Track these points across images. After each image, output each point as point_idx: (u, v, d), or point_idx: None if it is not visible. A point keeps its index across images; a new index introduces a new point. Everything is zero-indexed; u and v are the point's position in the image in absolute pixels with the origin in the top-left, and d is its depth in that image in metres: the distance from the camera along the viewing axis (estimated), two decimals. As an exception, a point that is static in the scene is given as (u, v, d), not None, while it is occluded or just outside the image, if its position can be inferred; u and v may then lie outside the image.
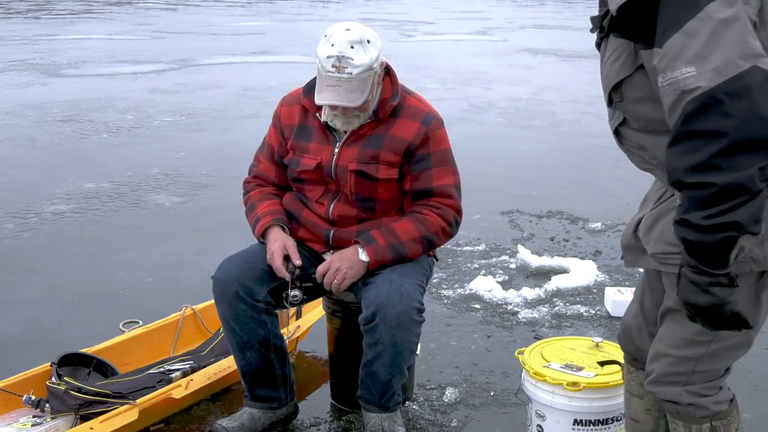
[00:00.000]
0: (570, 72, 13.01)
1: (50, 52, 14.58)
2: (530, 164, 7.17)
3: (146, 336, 3.43)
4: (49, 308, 4.10)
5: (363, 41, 2.64)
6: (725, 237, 1.70)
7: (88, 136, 8.02)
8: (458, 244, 4.93)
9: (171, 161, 7.08)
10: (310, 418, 3.11)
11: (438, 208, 2.80)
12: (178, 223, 5.52)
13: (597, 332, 3.82)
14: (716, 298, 1.78)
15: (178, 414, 3.10)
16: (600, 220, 5.48)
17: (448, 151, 2.85)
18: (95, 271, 4.62)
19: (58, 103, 9.65)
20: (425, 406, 3.18)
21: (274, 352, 2.89)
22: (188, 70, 12.74)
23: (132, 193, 6.11)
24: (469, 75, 12.43)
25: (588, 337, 2.91)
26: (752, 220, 1.68)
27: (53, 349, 3.22)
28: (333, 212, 2.86)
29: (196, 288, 4.14)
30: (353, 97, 2.64)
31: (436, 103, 3.02)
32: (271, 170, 3.00)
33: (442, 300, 4.16)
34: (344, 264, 2.74)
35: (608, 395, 2.62)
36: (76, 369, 3.07)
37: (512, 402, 3.15)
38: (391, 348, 2.69)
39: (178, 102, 9.88)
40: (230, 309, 2.78)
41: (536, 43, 17.13)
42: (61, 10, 25.83)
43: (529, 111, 9.62)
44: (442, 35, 19.23)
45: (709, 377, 2.04)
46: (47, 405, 2.81)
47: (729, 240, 1.70)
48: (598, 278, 4.46)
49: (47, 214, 5.60)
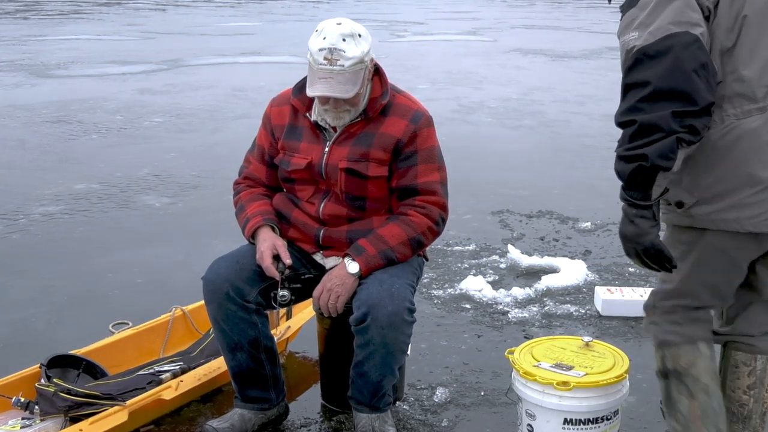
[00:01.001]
0: (560, 72, 13.04)
1: (39, 52, 14.53)
2: (520, 164, 7.18)
3: (136, 337, 3.42)
4: (38, 310, 4.09)
5: (354, 35, 2.65)
6: (637, 167, 2.01)
7: (78, 137, 7.99)
8: (448, 244, 4.93)
9: (161, 162, 7.06)
10: (300, 418, 3.11)
11: (423, 207, 2.81)
12: (167, 223, 5.50)
13: (587, 331, 3.83)
14: (639, 229, 2.10)
15: (168, 415, 3.09)
16: (590, 220, 5.49)
17: (435, 148, 2.85)
18: (84, 273, 4.60)
19: (47, 103, 9.61)
20: (416, 406, 3.18)
21: (265, 352, 2.88)
22: (178, 70, 12.71)
23: (122, 194, 6.10)
24: (459, 75, 12.45)
25: (578, 337, 2.91)
26: (658, 155, 1.98)
27: (42, 351, 3.20)
28: (323, 211, 2.86)
29: (186, 289, 4.13)
30: (345, 89, 2.65)
31: (426, 103, 3.02)
32: (261, 171, 3.00)
33: (433, 300, 4.17)
34: (334, 283, 2.74)
35: (598, 394, 2.63)
36: (65, 371, 3.05)
37: (503, 401, 3.16)
38: (383, 348, 2.69)
39: (168, 103, 9.86)
40: (220, 310, 2.78)
41: (526, 43, 17.17)
42: (50, 10, 25.75)
43: (519, 111, 9.63)
44: (433, 35, 19.25)
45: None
46: (36, 407, 2.80)
47: (641, 170, 2.02)
48: (588, 278, 4.47)
49: (36, 216, 5.58)
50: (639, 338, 3.75)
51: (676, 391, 2.34)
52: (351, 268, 2.73)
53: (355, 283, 2.74)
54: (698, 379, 2.30)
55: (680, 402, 2.33)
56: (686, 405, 2.31)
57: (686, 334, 2.33)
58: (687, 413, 2.31)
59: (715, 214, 2.16)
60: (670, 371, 2.35)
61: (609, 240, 5.14)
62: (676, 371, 2.33)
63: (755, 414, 2.38)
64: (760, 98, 2.10)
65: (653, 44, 1.99)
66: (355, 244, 2.77)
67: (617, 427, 2.74)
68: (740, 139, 2.10)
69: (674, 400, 2.35)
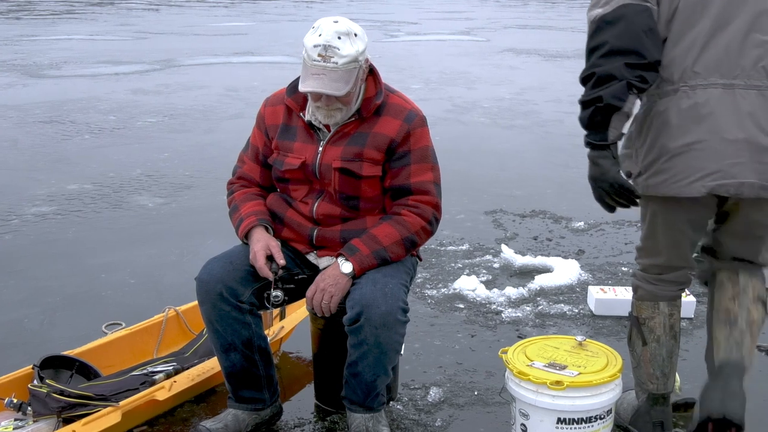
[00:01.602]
0: (553, 72, 13.06)
1: (32, 52, 14.49)
2: (513, 164, 7.19)
3: (129, 338, 3.41)
4: (30, 310, 4.08)
5: (350, 33, 2.66)
6: (594, 109, 2.40)
7: (70, 137, 7.98)
8: (442, 244, 4.94)
9: (154, 162, 7.05)
10: (294, 419, 3.11)
11: (416, 207, 2.81)
12: (161, 224, 5.49)
13: (580, 331, 3.83)
14: (602, 168, 2.48)
15: (162, 416, 3.09)
16: (583, 220, 5.50)
17: (428, 148, 2.86)
18: (77, 273, 4.59)
19: (39, 104, 9.59)
20: (409, 406, 3.18)
21: (258, 353, 2.88)
22: (171, 70, 12.70)
23: (115, 195, 6.08)
24: (452, 75, 12.46)
25: (571, 336, 2.91)
26: (611, 95, 2.36)
27: (35, 352, 3.20)
28: (317, 211, 2.86)
29: (179, 289, 4.13)
30: (337, 86, 2.65)
31: (419, 103, 3.02)
32: (255, 171, 3.00)
33: (426, 300, 4.17)
34: (327, 283, 2.73)
35: (592, 393, 2.63)
36: (58, 371, 3.04)
37: (496, 401, 3.16)
38: (376, 348, 2.69)
39: (161, 103, 9.84)
40: (214, 310, 2.78)
41: (519, 43, 17.19)
42: (42, 10, 25.69)
43: (513, 111, 9.65)
44: (426, 35, 19.27)
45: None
46: (29, 408, 2.79)
47: (597, 111, 2.40)
48: (582, 277, 4.48)
49: (29, 216, 5.56)
50: (632, 337, 3.76)
51: (635, 335, 2.82)
52: (344, 268, 2.73)
53: (348, 283, 2.74)
54: (653, 330, 2.77)
55: (636, 344, 2.83)
56: (640, 348, 2.82)
57: (652, 292, 2.76)
58: (640, 354, 2.83)
59: (650, 181, 2.54)
60: (633, 318, 2.82)
61: (602, 239, 5.15)
62: (637, 320, 2.80)
63: (741, 318, 2.68)
64: (675, 80, 2.46)
65: (610, 12, 2.40)
66: (349, 244, 2.77)
67: (611, 426, 2.75)
68: (658, 115, 2.50)
69: (633, 342, 2.85)
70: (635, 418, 2.89)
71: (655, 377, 2.80)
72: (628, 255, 4.86)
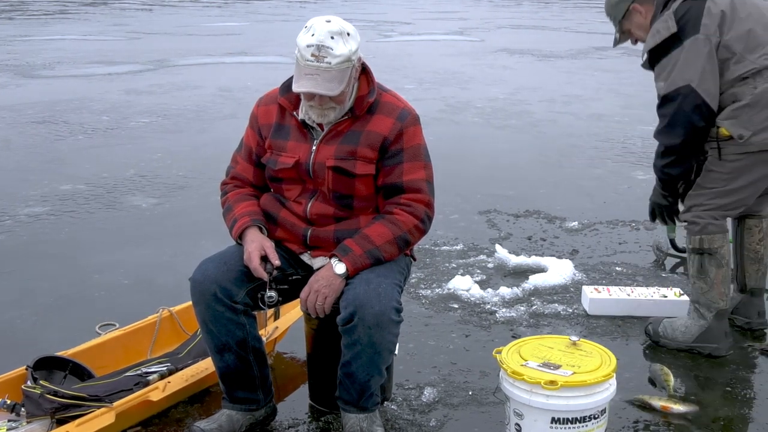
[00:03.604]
0: (546, 72, 13.08)
1: (25, 53, 14.46)
2: (507, 164, 7.19)
3: (123, 338, 3.40)
4: (24, 311, 4.07)
5: (343, 33, 2.66)
6: (663, 175, 3.51)
7: (64, 138, 7.96)
8: (436, 244, 4.94)
9: (147, 162, 7.04)
10: (288, 419, 3.10)
11: (409, 206, 2.81)
12: (154, 224, 5.48)
13: (574, 330, 3.84)
14: (657, 199, 3.63)
15: (156, 416, 3.08)
16: (577, 219, 5.51)
17: (421, 146, 2.86)
18: (71, 274, 4.58)
19: (32, 104, 9.57)
20: (404, 406, 3.18)
21: (252, 353, 2.88)
22: (164, 70, 12.68)
23: (108, 195, 6.07)
24: (446, 75, 12.46)
25: (565, 336, 2.92)
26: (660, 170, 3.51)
27: (28, 353, 3.18)
28: (311, 211, 2.86)
29: (173, 289, 4.12)
30: (331, 86, 2.65)
31: (413, 103, 3.02)
32: (248, 171, 3.00)
33: (420, 300, 4.17)
34: (321, 284, 2.73)
35: (586, 393, 2.64)
36: (51, 372, 3.03)
37: (490, 401, 3.16)
38: (370, 348, 2.69)
39: (154, 103, 9.82)
40: (208, 311, 2.77)
41: (513, 43, 17.21)
42: (35, 10, 25.63)
43: (506, 111, 9.65)
44: (420, 35, 19.27)
45: None
46: (23, 409, 2.79)
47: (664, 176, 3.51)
48: (576, 277, 4.48)
49: (22, 217, 5.55)
50: (626, 337, 3.76)
51: (708, 263, 3.46)
52: (338, 268, 2.73)
53: (342, 283, 2.73)
54: (724, 257, 3.46)
55: (710, 270, 3.46)
56: (714, 272, 3.46)
57: (722, 226, 3.49)
58: (714, 277, 3.46)
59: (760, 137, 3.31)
60: (705, 249, 3.46)
61: (596, 239, 5.16)
62: (711, 249, 3.45)
63: (766, 257, 3.72)
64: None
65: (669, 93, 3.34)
66: (342, 245, 2.77)
67: (605, 425, 2.75)
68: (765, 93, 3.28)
69: (706, 269, 3.47)
70: (705, 334, 3.51)
71: (725, 295, 3.48)
72: (622, 255, 4.87)
